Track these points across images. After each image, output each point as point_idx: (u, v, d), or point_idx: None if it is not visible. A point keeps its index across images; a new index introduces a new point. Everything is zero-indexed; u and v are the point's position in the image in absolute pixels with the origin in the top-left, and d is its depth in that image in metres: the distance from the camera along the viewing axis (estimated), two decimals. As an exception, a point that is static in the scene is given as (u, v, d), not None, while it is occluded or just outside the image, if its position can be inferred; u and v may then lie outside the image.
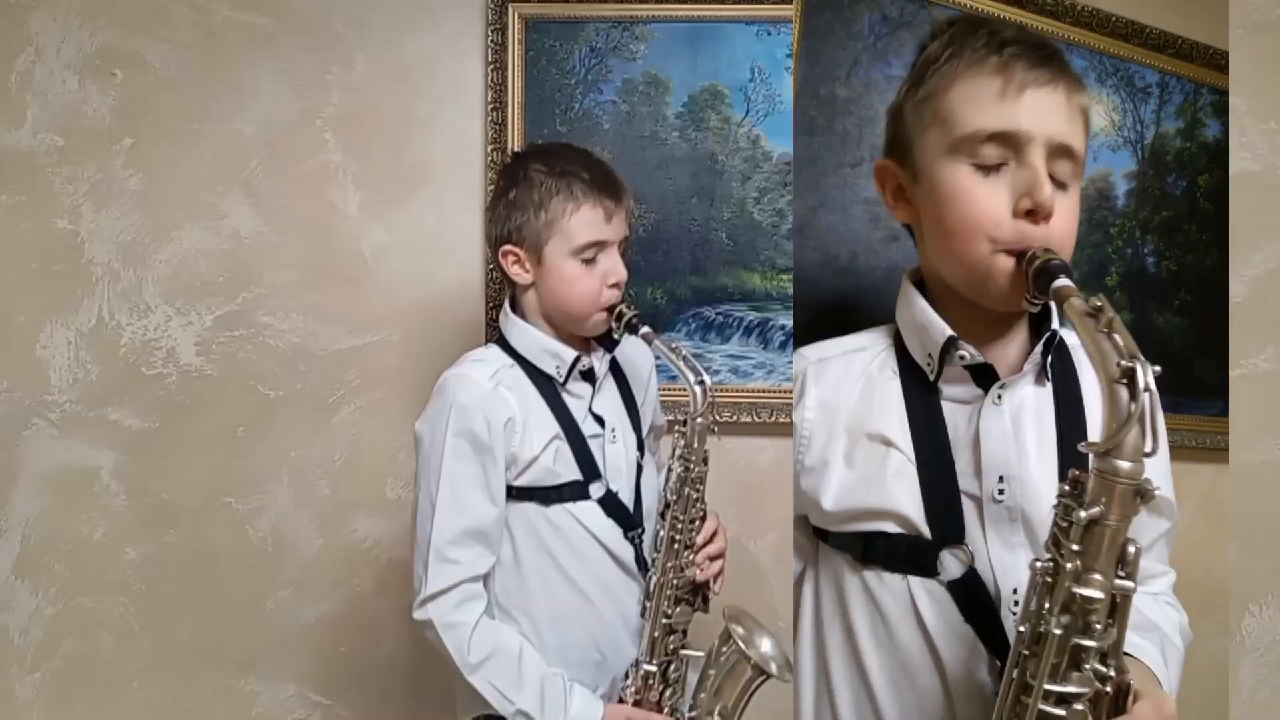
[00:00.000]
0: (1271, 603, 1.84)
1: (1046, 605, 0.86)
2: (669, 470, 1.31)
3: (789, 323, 1.78)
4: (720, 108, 1.77)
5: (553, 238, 1.25)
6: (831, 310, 1.57)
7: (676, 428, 1.31)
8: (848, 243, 1.59)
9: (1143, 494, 0.81)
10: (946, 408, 1.08)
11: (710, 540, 1.33)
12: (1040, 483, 1.02)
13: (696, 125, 1.78)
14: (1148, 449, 0.81)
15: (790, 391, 1.76)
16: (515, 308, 1.33)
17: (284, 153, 1.79)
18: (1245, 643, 1.85)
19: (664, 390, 1.65)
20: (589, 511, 1.28)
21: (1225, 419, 1.90)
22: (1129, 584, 0.84)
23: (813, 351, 1.19)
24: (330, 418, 1.81)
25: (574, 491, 1.27)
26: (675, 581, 1.29)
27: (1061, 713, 0.84)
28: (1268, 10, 1.79)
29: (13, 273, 1.78)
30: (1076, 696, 0.84)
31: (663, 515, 1.31)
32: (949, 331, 1.05)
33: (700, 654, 1.31)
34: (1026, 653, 0.88)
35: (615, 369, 1.37)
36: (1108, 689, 0.85)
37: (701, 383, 1.26)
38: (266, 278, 1.80)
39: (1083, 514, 0.82)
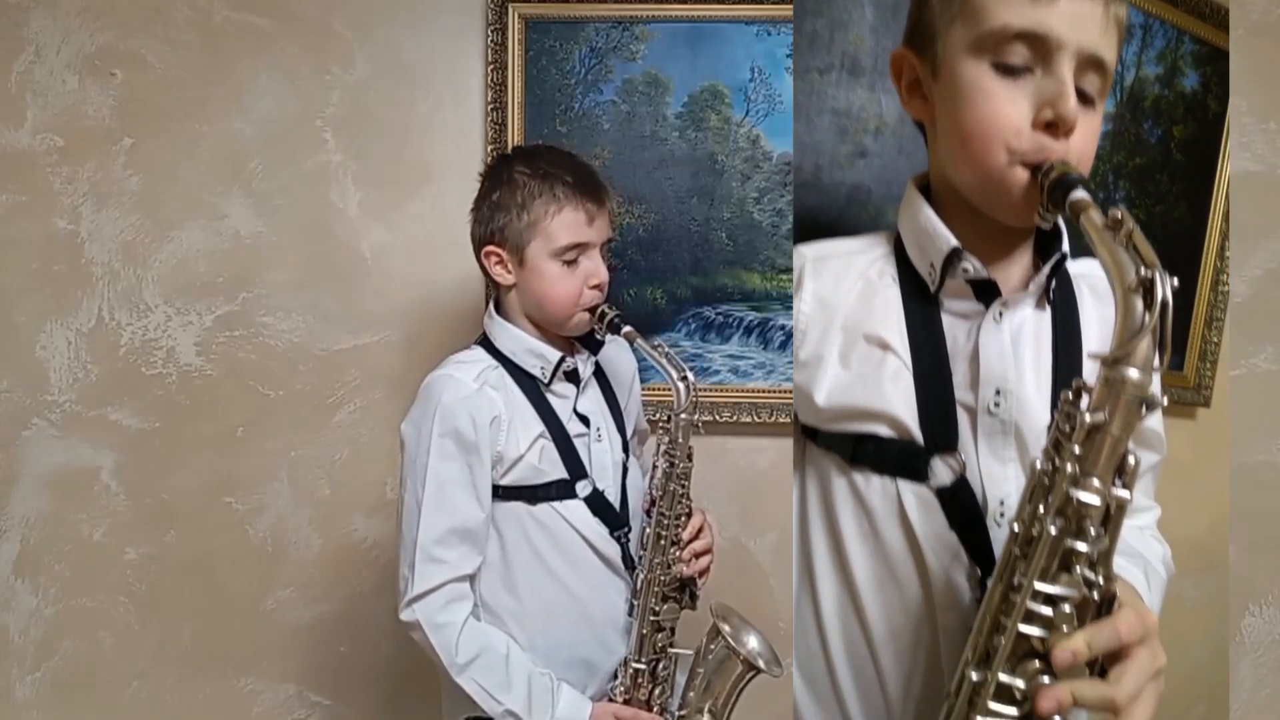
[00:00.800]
0: (1271, 603, 1.84)
1: (1042, 508, 0.85)
2: (655, 467, 1.32)
3: (789, 323, 1.78)
4: (720, 108, 1.77)
5: (535, 239, 1.26)
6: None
7: (661, 425, 1.32)
8: (811, 155, 1.48)
9: (1149, 404, 0.80)
10: (945, 320, 1.06)
11: (696, 536, 1.34)
12: (1035, 401, 1.01)
13: (696, 125, 1.77)
14: (1157, 363, 0.80)
15: (790, 392, 1.76)
16: (499, 309, 1.34)
17: (284, 153, 1.79)
18: (1245, 643, 1.85)
19: (654, 389, 1.65)
20: (575, 510, 1.28)
21: (1181, 372, 1.88)
22: (1125, 494, 0.83)
23: (810, 249, 1.16)
24: (330, 418, 1.81)
25: (560, 490, 1.28)
26: (663, 578, 1.29)
27: (1048, 612, 0.84)
28: (1268, 10, 1.79)
29: (13, 273, 1.78)
30: (1064, 599, 0.84)
31: (648, 512, 1.32)
32: (954, 242, 1.02)
33: (689, 652, 1.32)
34: (1018, 553, 0.87)
35: (598, 371, 1.38)
36: (1094, 596, 0.85)
37: (685, 379, 1.28)
38: (266, 278, 1.80)
39: (1087, 418, 0.81)
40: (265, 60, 1.78)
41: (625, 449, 1.38)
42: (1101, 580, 0.85)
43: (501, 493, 1.26)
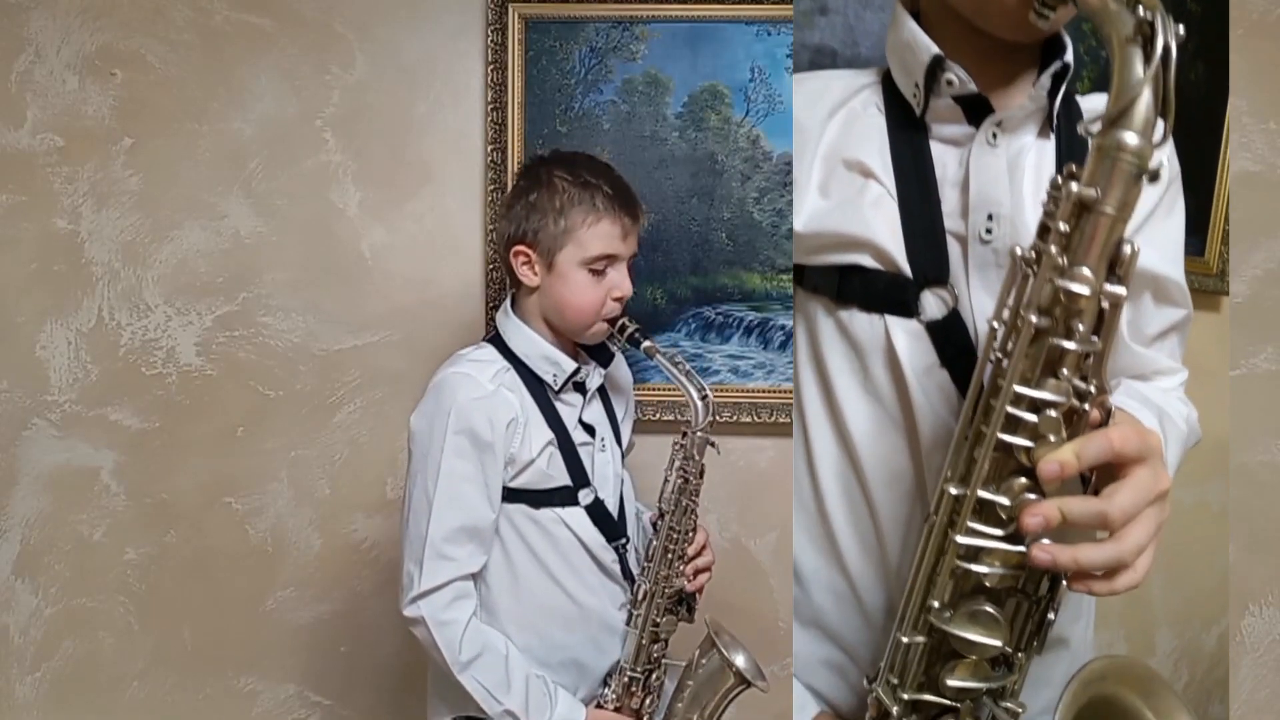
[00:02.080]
0: (1271, 603, 1.84)
1: (1025, 301, 0.76)
2: (666, 481, 1.33)
3: (789, 323, 1.78)
4: (720, 108, 1.77)
5: (567, 245, 1.26)
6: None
7: (676, 442, 1.32)
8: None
9: (1148, 174, 0.69)
10: (935, 148, 0.97)
11: (700, 553, 1.36)
12: (1034, 229, 0.93)
13: (696, 125, 1.77)
14: (1158, 136, 0.69)
15: (790, 392, 1.76)
16: (515, 308, 1.34)
17: (284, 153, 1.79)
18: (1245, 643, 1.85)
19: (654, 388, 1.66)
20: (576, 517, 1.29)
21: (1202, 258, 1.68)
22: (1120, 290, 0.72)
23: (795, 78, 1.10)
24: (330, 418, 1.81)
25: (564, 497, 1.28)
26: (665, 590, 1.31)
27: (1032, 419, 0.74)
28: (1268, 10, 1.79)
29: (13, 273, 1.78)
30: (1050, 404, 0.74)
31: (655, 525, 1.33)
32: (935, 49, 0.92)
33: (680, 663, 1.33)
34: (1000, 355, 0.78)
35: (600, 384, 1.39)
36: (1086, 408, 0.75)
37: (704, 397, 1.28)
38: (266, 278, 1.80)
39: (1074, 187, 0.70)
40: (265, 60, 1.78)
41: (623, 461, 1.39)
42: (1094, 390, 0.74)
43: (507, 495, 1.27)
